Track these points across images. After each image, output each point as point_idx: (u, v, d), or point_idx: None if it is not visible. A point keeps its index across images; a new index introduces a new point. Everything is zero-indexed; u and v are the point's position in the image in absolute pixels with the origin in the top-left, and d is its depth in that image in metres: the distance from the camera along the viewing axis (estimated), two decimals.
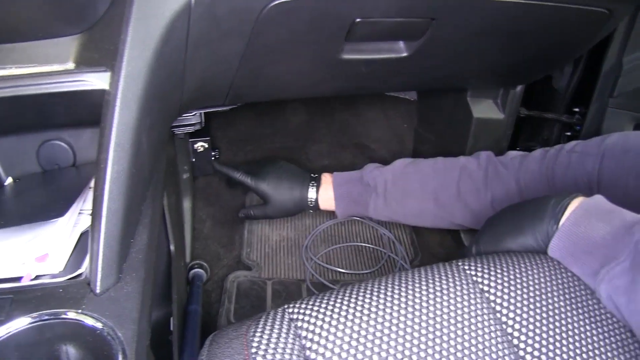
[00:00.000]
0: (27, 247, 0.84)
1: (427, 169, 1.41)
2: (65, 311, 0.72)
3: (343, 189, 1.50)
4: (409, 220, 1.49)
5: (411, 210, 1.44)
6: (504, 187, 1.29)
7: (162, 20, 0.79)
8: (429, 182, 1.39)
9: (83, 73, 0.82)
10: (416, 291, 0.83)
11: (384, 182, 1.43)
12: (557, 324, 0.79)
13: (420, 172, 1.41)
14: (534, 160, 1.27)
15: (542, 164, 1.24)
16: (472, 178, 1.34)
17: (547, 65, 1.55)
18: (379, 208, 1.47)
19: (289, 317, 0.81)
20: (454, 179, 1.36)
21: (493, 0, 1.03)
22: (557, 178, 1.20)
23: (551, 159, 1.23)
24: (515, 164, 1.30)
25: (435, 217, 1.43)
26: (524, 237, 0.94)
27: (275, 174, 1.54)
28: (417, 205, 1.42)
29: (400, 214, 1.47)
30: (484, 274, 0.86)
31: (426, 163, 1.44)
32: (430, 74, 1.39)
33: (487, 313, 0.80)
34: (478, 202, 1.33)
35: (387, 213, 1.47)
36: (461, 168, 1.36)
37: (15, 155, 1.04)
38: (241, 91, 1.21)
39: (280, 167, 1.57)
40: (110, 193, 0.77)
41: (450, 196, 1.36)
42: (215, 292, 1.53)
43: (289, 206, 1.55)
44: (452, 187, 1.36)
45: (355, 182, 1.49)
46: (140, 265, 0.81)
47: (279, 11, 0.90)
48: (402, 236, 1.73)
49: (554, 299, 0.82)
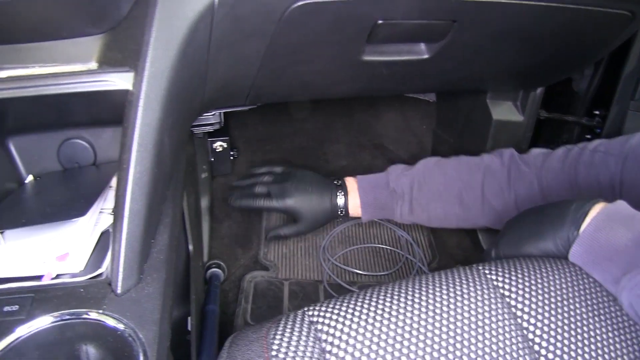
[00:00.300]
0: (48, 245, 0.84)
1: (451, 171, 1.40)
2: (87, 311, 0.72)
3: (369, 196, 1.48)
4: (433, 223, 1.48)
5: (436, 214, 1.43)
6: (526, 186, 1.28)
7: (186, 20, 0.79)
8: (454, 185, 1.38)
9: (106, 73, 0.82)
10: (437, 295, 0.82)
11: (410, 188, 1.42)
12: (578, 330, 0.78)
13: (445, 175, 1.40)
14: (557, 158, 1.25)
15: (564, 163, 1.23)
16: (495, 178, 1.33)
17: (567, 68, 1.54)
18: (405, 214, 1.46)
19: (309, 320, 0.81)
20: (478, 181, 1.35)
21: (514, 3, 1.02)
22: (579, 177, 1.19)
23: (574, 158, 1.21)
24: (537, 162, 1.28)
25: (459, 219, 1.42)
26: (544, 242, 0.92)
27: (300, 188, 1.48)
28: (442, 209, 1.41)
29: (424, 218, 1.46)
30: (505, 279, 0.85)
31: (450, 164, 1.42)
32: (450, 76, 1.39)
33: (508, 318, 0.79)
34: (502, 202, 1.32)
35: (412, 218, 1.47)
36: (485, 168, 1.35)
37: (36, 153, 1.04)
38: (262, 91, 1.21)
39: (303, 180, 1.51)
40: (132, 193, 0.77)
41: (475, 198, 1.35)
42: (232, 291, 1.53)
43: (321, 218, 1.52)
44: (477, 189, 1.35)
45: (381, 189, 1.47)
46: (162, 266, 0.81)
47: (302, 12, 0.90)
48: (420, 238, 1.73)
49: (575, 305, 0.81)
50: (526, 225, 0.99)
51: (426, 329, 0.77)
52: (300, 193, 1.48)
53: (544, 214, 0.96)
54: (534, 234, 0.95)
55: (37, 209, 0.91)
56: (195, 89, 0.97)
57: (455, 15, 1.03)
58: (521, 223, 1.01)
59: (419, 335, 0.76)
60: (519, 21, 1.09)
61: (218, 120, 1.40)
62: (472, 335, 0.77)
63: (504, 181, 1.31)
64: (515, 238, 0.99)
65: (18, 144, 1.02)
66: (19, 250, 0.85)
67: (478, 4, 1.00)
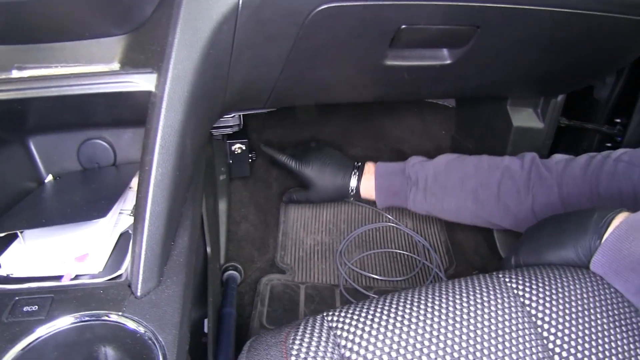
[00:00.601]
0: (67, 246, 0.84)
1: (470, 167, 1.39)
2: (107, 313, 0.72)
3: (384, 180, 1.50)
4: (446, 215, 1.47)
5: (449, 206, 1.42)
6: (546, 191, 1.26)
7: (210, 22, 0.79)
8: (470, 180, 1.38)
9: (129, 74, 0.82)
10: (457, 303, 0.81)
11: (425, 177, 1.42)
12: (599, 341, 0.77)
13: (462, 170, 1.39)
14: (579, 166, 1.24)
15: (586, 171, 1.21)
16: (513, 179, 1.31)
17: (589, 75, 1.53)
18: (418, 202, 1.45)
19: (328, 326, 0.80)
20: (495, 179, 1.34)
21: (538, 9, 1.01)
22: (601, 187, 1.17)
23: (597, 166, 1.20)
24: (559, 168, 1.27)
25: (473, 216, 1.41)
26: (565, 250, 0.91)
27: (319, 159, 1.56)
28: (455, 202, 1.40)
29: (438, 209, 1.45)
30: (526, 287, 0.84)
31: (470, 160, 1.41)
32: (472, 82, 1.38)
33: (529, 327, 0.79)
34: (518, 203, 1.30)
35: (426, 207, 1.46)
36: (504, 168, 1.34)
37: (56, 153, 1.04)
38: (282, 95, 1.21)
39: (325, 153, 1.58)
40: (153, 195, 0.76)
41: (490, 196, 1.34)
42: (248, 294, 1.53)
43: (331, 192, 1.57)
44: (493, 187, 1.34)
45: (397, 174, 1.48)
46: (181, 269, 0.81)
47: (326, 15, 0.89)
48: (437, 244, 1.72)
49: (596, 315, 0.80)
50: (547, 233, 0.98)
51: (446, 336, 0.76)
52: (317, 164, 1.55)
53: (565, 222, 0.95)
54: (554, 242, 0.94)
55: (56, 209, 0.91)
56: (217, 91, 0.96)
57: (479, 20, 1.03)
58: (541, 231, 1.00)
59: (438, 343, 0.76)
60: (543, 27, 1.09)
61: (237, 123, 1.40)
62: (492, 344, 0.76)
63: (522, 183, 1.30)
64: (535, 246, 0.98)
65: (38, 143, 1.02)
66: (39, 250, 0.85)
67: (502, 9, 0.99)
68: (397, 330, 0.77)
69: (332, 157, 1.57)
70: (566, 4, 1.02)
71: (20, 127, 0.97)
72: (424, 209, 1.47)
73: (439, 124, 2.24)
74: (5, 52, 0.88)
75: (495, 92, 1.58)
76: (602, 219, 0.88)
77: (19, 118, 0.91)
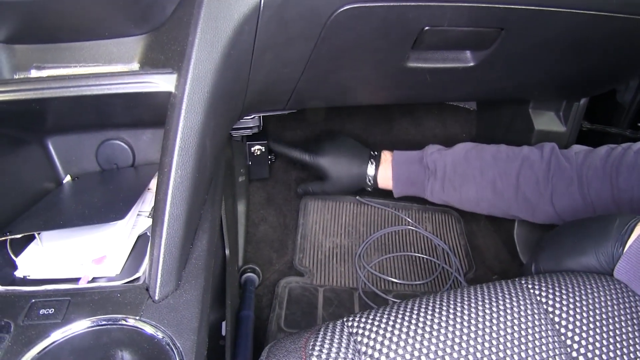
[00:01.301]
0: (85, 248, 0.84)
1: (488, 157, 1.37)
2: (125, 317, 0.71)
3: (402, 169, 1.46)
4: (463, 205, 1.44)
5: (467, 196, 1.40)
6: (565, 182, 1.24)
7: (231, 22, 0.78)
8: (489, 169, 1.35)
9: (148, 74, 0.81)
10: (479, 309, 0.80)
11: (444, 166, 1.40)
12: (624, 350, 0.76)
13: (481, 159, 1.37)
14: (599, 156, 1.22)
15: (606, 162, 1.19)
16: (533, 169, 1.30)
17: (613, 79, 1.51)
18: (436, 192, 1.43)
19: (348, 331, 0.79)
20: (514, 169, 1.32)
21: (563, 11, 1.00)
22: (621, 178, 1.15)
23: (617, 158, 1.18)
24: (579, 159, 1.25)
25: (490, 206, 1.39)
26: (586, 257, 0.90)
27: (334, 149, 1.51)
28: (474, 192, 1.38)
29: (456, 199, 1.43)
30: (549, 294, 0.83)
31: (488, 150, 1.39)
32: (495, 85, 1.37)
33: (552, 335, 0.77)
34: (537, 194, 1.29)
35: (443, 197, 1.43)
36: (523, 158, 1.32)
37: (75, 153, 1.04)
38: (303, 96, 1.20)
39: (340, 142, 1.54)
40: (172, 198, 0.76)
41: (509, 186, 1.32)
42: (266, 296, 1.52)
43: (347, 182, 1.52)
44: (512, 176, 1.32)
45: (415, 163, 1.45)
46: (200, 273, 0.80)
47: (349, 16, 0.88)
48: (457, 248, 1.71)
49: (621, 323, 0.79)
50: (567, 239, 0.97)
51: (468, 344, 0.75)
52: (332, 154, 1.50)
53: (586, 228, 0.94)
54: (575, 248, 0.93)
55: (74, 211, 0.90)
56: (237, 92, 0.96)
57: (504, 23, 1.02)
58: (562, 237, 0.99)
59: (460, 350, 0.74)
60: (567, 29, 1.07)
61: (257, 124, 1.39)
62: (515, 352, 0.75)
63: (542, 174, 1.28)
64: (555, 252, 0.97)
65: (57, 143, 1.01)
66: (56, 252, 0.84)
67: (527, 11, 0.98)
68: (418, 337, 0.76)
69: (347, 145, 1.53)
70: (591, 6, 1.01)
71: (39, 127, 0.96)
72: (441, 198, 1.45)
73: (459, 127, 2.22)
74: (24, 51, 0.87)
75: (518, 95, 1.57)
76: (624, 225, 0.87)
77: (38, 118, 0.90)
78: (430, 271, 1.62)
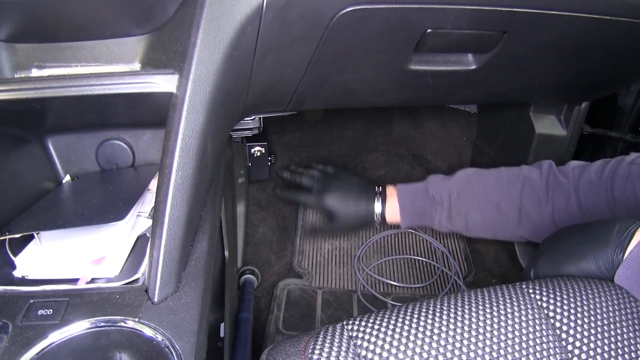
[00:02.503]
0: (84, 248, 0.83)
1: (490, 180, 1.37)
2: (124, 319, 0.71)
3: (408, 202, 1.45)
4: (471, 231, 1.44)
5: (473, 221, 1.40)
6: (564, 198, 1.25)
7: (234, 23, 0.77)
8: (492, 192, 1.35)
9: (150, 75, 0.80)
10: (479, 314, 0.80)
11: (449, 195, 1.40)
12: (625, 356, 0.76)
13: (484, 183, 1.37)
14: (594, 170, 1.22)
15: (601, 175, 1.20)
16: (534, 188, 1.30)
17: (615, 83, 1.51)
18: (443, 221, 1.43)
19: (348, 335, 0.79)
20: (517, 189, 1.32)
21: (565, 14, 1.00)
22: (616, 189, 1.16)
23: (611, 170, 1.18)
24: (575, 174, 1.25)
25: (496, 229, 1.39)
26: (586, 262, 0.90)
27: (339, 189, 1.49)
28: (479, 216, 1.38)
29: (462, 226, 1.42)
30: (550, 299, 0.82)
31: (489, 174, 1.39)
32: (496, 88, 1.36)
33: (552, 340, 0.77)
34: (540, 212, 1.29)
35: (450, 226, 1.43)
36: (524, 179, 1.32)
37: (75, 153, 1.03)
38: (304, 98, 1.19)
39: (345, 182, 1.51)
40: (173, 199, 0.75)
41: (513, 207, 1.33)
42: (264, 298, 1.52)
43: (356, 221, 1.49)
44: (515, 198, 1.32)
45: (420, 195, 1.44)
46: (200, 274, 0.80)
47: (351, 18, 0.88)
48: (456, 251, 1.71)
49: (622, 329, 0.79)
50: (566, 245, 0.96)
51: (469, 348, 0.75)
52: (338, 194, 1.47)
53: (585, 233, 0.94)
54: (574, 254, 0.93)
55: (74, 211, 0.90)
56: (239, 93, 0.95)
57: (506, 26, 1.01)
58: (561, 242, 0.99)
59: (461, 355, 0.74)
60: (569, 33, 1.07)
61: (257, 125, 1.39)
62: (516, 357, 0.75)
63: (542, 191, 1.28)
64: (554, 257, 0.97)
65: (57, 143, 1.01)
66: (55, 252, 0.84)
67: (529, 15, 0.98)
68: (419, 342, 0.76)
69: (352, 184, 1.51)
70: (594, 10, 1.00)
71: (39, 126, 0.96)
72: (449, 228, 1.44)
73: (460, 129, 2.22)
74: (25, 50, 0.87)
75: (520, 98, 1.57)
76: (624, 230, 0.86)
77: (38, 117, 0.90)
78: (429, 274, 1.62)
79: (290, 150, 2.05)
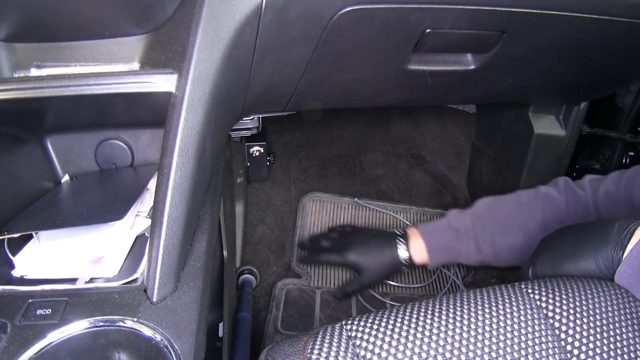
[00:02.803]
0: (82, 248, 0.83)
1: (510, 204, 1.36)
2: (123, 319, 0.71)
3: (434, 239, 1.44)
4: (500, 259, 1.41)
5: (501, 248, 1.37)
6: (583, 210, 1.24)
7: (233, 23, 0.77)
8: (515, 216, 1.34)
9: (149, 74, 0.80)
10: (479, 314, 0.80)
11: (472, 225, 1.38)
12: (625, 356, 0.75)
13: (505, 208, 1.36)
14: (611, 181, 1.22)
15: (619, 185, 1.19)
16: (555, 205, 1.29)
17: (614, 83, 1.51)
18: (472, 252, 1.40)
19: (347, 335, 0.79)
20: (539, 210, 1.31)
21: (565, 15, 1.00)
22: (634, 199, 1.15)
23: (629, 179, 1.18)
24: (593, 186, 1.25)
25: (524, 249, 1.38)
26: (585, 262, 0.89)
27: (361, 241, 1.49)
28: (506, 243, 1.36)
29: (491, 255, 1.40)
30: (549, 299, 0.82)
31: (508, 199, 1.38)
32: (495, 88, 1.36)
33: (552, 340, 0.77)
34: None
35: (480, 257, 1.41)
36: (543, 197, 1.32)
37: (74, 152, 1.03)
38: (303, 98, 1.19)
39: (364, 233, 1.52)
40: (172, 199, 0.75)
41: (538, 227, 1.31)
42: (263, 298, 1.52)
43: (383, 269, 1.47)
44: (539, 218, 1.31)
45: (444, 230, 1.43)
46: (199, 274, 0.79)
47: (351, 18, 0.88)
48: None
49: (622, 329, 0.79)
50: (565, 244, 0.96)
51: (468, 348, 0.75)
52: (361, 247, 1.47)
53: (584, 233, 0.94)
54: (574, 253, 0.92)
55: (73, 210, 0.89)
56: (238, 93, 0.95)
57: (505, 26, 1.02)
58: (560, 242, 0.98)
59: (460, 355, 0.74)
60: (569, 33, 1.07)
61: (256, 125, 1.39)
62: (515, 357, 0.75)
63: (564, 207, 1.28)
64: (553, 257, 0.96)
65: (56, 142, 1.01)
66: (54, 251, 0.84)
67: (529, 15, 0.98)
68: (417, 342, 0.75)
69: (372, 235, 1.51)
70: (593, 10, 1.01)
71: (38, 126, 0.96)
72: (478, 259, 1.43)
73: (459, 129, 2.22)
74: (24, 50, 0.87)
75: (519, 98, 1.57)
76: (624, 229, 0.86)
77: (37, 117, 0.90)
78: (428, 274, 1.62)
79: (289, 150, 2.05)
